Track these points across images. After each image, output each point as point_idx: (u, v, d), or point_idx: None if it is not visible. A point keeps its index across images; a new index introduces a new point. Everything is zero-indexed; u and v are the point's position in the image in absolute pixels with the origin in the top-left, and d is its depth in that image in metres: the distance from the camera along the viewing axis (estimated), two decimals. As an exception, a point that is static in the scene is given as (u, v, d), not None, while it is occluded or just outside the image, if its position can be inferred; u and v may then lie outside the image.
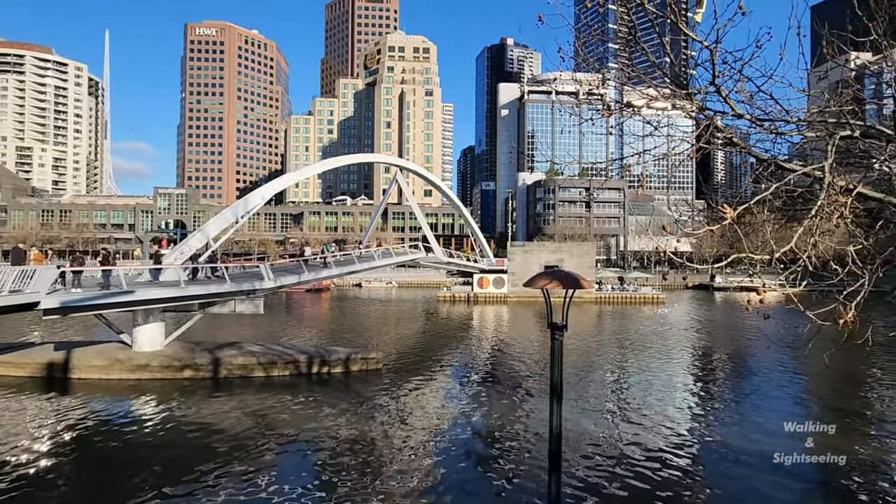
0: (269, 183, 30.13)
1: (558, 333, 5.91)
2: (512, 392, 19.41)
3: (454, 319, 43.99)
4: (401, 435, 14.68)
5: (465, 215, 57.35)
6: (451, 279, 67.01)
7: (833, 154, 3.93)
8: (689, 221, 38.24)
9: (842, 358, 23.13)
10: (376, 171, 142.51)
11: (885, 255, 4.67)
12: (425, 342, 32.21)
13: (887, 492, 11.13)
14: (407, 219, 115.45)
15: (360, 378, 20.77)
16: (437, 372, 23.06)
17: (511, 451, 13.58)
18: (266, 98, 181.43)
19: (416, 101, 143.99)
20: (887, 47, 4.62)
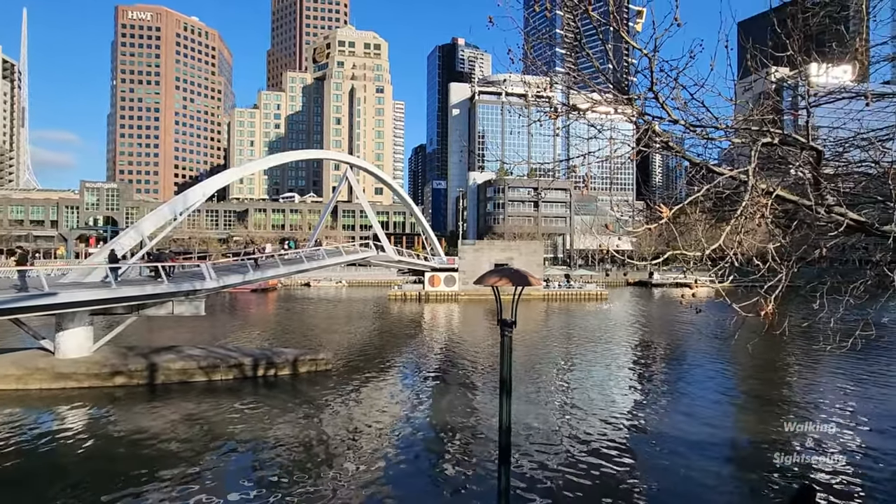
0: (212, 178, 28.73)
1: (507, 330, 6.03)
2: (463, 389, 19.62)
3: (405, 318, 43.84)
4: (350, 436, 14.48)
5: (417, 214, 57.26)
6: (402, 278, 66.69)
7: (756, 159, 4.26)
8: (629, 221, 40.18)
9: (763, 347, 25.17)
10: (326, 168, 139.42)
11: (800, 252, 5.12)
12: (376, 341, 31.90)
13: (797, 464, 12.20)
14: (357, 217, 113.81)
15: (309, 380, 20.27)
16: (388, 371, 22.91)
17: (462, 447, 13.73)
18: (207, 89, 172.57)
19: (366, 97, 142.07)
20: (801, 63, 5.06)
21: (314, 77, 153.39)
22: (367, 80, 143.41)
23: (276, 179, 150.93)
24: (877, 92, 5.29)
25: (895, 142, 5.63)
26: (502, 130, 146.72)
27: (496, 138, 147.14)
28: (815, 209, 4.49)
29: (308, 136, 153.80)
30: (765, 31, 6.40)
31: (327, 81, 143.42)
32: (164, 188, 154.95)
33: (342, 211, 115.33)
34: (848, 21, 7.96)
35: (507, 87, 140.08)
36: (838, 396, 18.48)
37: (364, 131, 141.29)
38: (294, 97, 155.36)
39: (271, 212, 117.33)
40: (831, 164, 5.49)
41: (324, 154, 69.98)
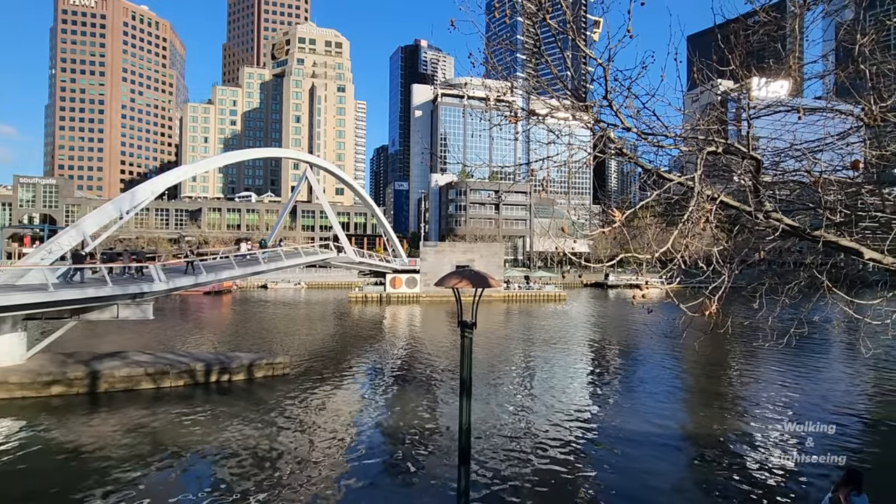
0: (162, 175, 27.42)
1: (468, 331, 6.08)
2: (423, 390, 19.59)
3: (366, 320, 43.35)
4: (308, 441, 14.17)
5: (378, 215, 56.77)
6: (363, 279, 65.91)
7: (701, 167, 4.50)
8: (586, 224, 41.40)
9: (709, 345, 26.52)
10: (284, 167, 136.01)
11: (741, 255, 5.44)
12: (336, 344, 31.36)
13: (739, 454, 12.93)
14: (317, 217, 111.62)
15: (266, 385, 19.68)
16: (348, 374, 22.57)
17: (422, 449, 13.70)
18: (158, 82, 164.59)
19: (327, 96, 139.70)
20: (743, 77, 5.38)
21: (273, 73, 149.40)
22: (328, 79, 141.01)
23: (231, 178, 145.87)
24: (809, 106, 5.69)
25: (825, 153, 6.08)
26: (464, 133, 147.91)
27: (458, 141, 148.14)
28: (754, 215, 4.78)
29: (266, 134, 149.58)
30: (711, 46, 6.76)
31: (287, 78, 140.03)
32: (108, 185, 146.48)
33: (301, 211, 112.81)
34: (785, 39, 8.52)
35: (470, 91, 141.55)
36: (775, 390, 19.69)
37: (325, 130, 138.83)
38: (251, 93, 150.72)
39: (226, 211, 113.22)
40: (769, 173, 5.86)
41: (283, 153, 68.14)
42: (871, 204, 5.29)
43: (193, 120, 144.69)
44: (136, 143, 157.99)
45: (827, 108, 5.98)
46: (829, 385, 20.67)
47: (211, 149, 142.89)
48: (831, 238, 4.65)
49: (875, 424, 15.95)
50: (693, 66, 5.80)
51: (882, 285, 5.80)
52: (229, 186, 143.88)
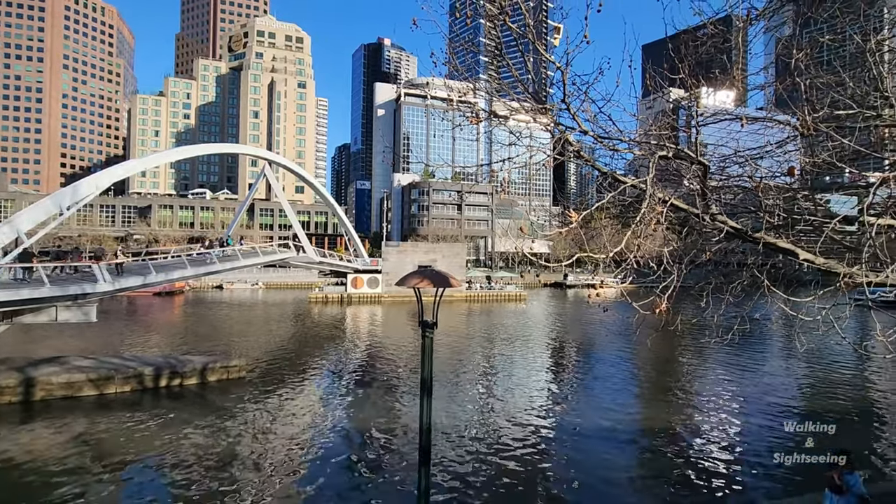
0: (108, 169, 25.94)
1: (428, 331, 6.07)
2: (384, 391, 19.44)
3: (326, 321, 42.58)
4: (266, 446, 13.78)
5: (339, 214, 55.90)
6: (323, 279, 64.72)
7: (654, 170, 4.69)
8: (546, 225, 42.29)
9: (660, 341, 27.66)
10: (242, 164, 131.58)
11: (690, 256, 5.70)
12: (295, 346, 30.63)
13: (688, 445, 13.56)
14: (276, 216, 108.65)
15: (220, 388, 18.99)
16: (307, 376, 22.11)
17: (383, 450, 13.60)
18: (104, 71, 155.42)
19: (287, 91, 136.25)
20: (692, 86, 5.65)
21: (230, 67, 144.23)
22: (288, 74, 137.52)
23: (185, 174, 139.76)
24: (751, 116, 6.03)
25: (765, 160, 6.46)
26: (427, 133, 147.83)
27: (421, 140, 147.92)
28: (702, 217, 5.02)
29: (222, 129, 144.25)
30: (664, 55, 7.05)
31: (244, 72, 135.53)
32: (47, 179, 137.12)
33: (259, 209, 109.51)
34: (730, 52, 8.99)
35: (432, 91, 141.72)
36: (721, 384, 20.76)
37: (284, 127, 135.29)
38: (206, 86, 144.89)
39: (179, 208, 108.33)
40: (715, 178, 6.17)
41: (240, 149, 66.11)
42: (805, 208, 5.67)
43: (143, 112, 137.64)
44: (79, 135, 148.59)
45: (767, 118, 6.37)
46: (768, 378, 21.97)
47: (162, 143, 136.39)
48: (770, 240, 4.95)
49: (808, 415, 17.09)
50: (646, 74, 6.04)
51: (815, 284, 6.22)
52: (182, 183, 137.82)
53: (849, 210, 5.13)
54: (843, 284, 4.53)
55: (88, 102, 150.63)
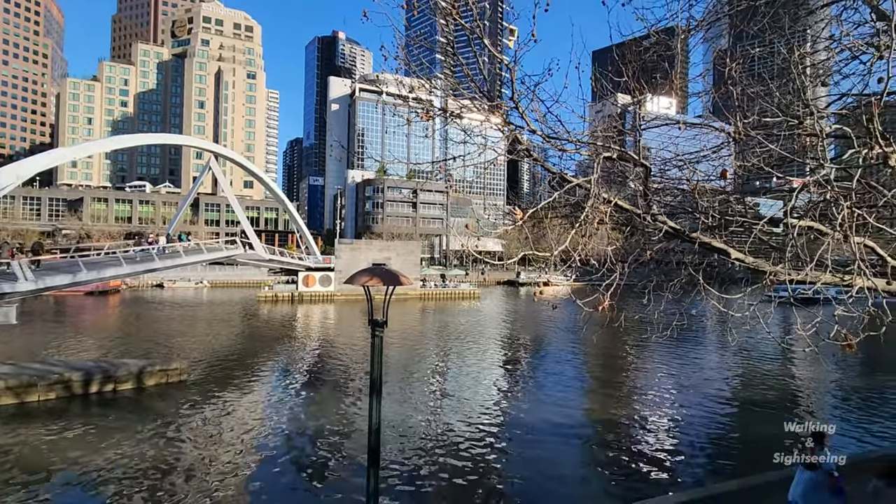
0: (32, 158, 23.89)
1: (378, 330, 5.97)
2: (335, 392, 19.07)
3: (276, 320, 41.26)
4: (209, 451, 13.15)
5: (291, 210, 54.31)
6: (273, 278, 62.64)
7: (598, 171, 4.81)
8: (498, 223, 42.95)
9: (606, 337, 28.76)
10: (186, 156, 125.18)
11: (633, 255, 5.91)
12: (242, 346, 29.47)
13: (632, 437, 14.17)
14: (223, 211, 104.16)
15: (159, 394, 17.96)
16: (255, 378, 21.32)
17: (332, 452, 13.32)
18: (28, 51, 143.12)
19: (236, 82, 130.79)
20: (636, 91, 5.85)
21: (173, 53, 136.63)
22: (236, 64, 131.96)
23: (122, 165, 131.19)
24: (689, 122, 6.33)
25: (702, 164, 6.81)
26: (382, 129, 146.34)
27: (376, 137, 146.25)
28: (644, 217, 5.21)
29: (164, 119, 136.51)
30: (610, 61, 7.28)
31: (189, 60, 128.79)
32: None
33: (205, 204, 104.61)
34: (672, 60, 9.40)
35: (388, 87, 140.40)
36: (661, 377, 21.85)
37: (232, 119, 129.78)
38: (147, 73, 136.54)
39: (114, 202, 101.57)
40: (657, 180, 6.44)
41: (184, 140, 62.53)
42: (736, 210, 6.02)
43: (74, 97, 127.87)
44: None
45: (704, 125, 6.71)
46: (703, 371, 23.33)
47: (96, 131, 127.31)
48: (706, 240, 5.21)
49: (740, 405, 18.29)
50: (594, 78, 6.20)
51: (744, 282, 6.62)
52: (119, 175, 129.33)
53: (775, 213, 5.49)
54: (769, 282, 4.83)
55: (10, 85, 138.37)
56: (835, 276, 4.45)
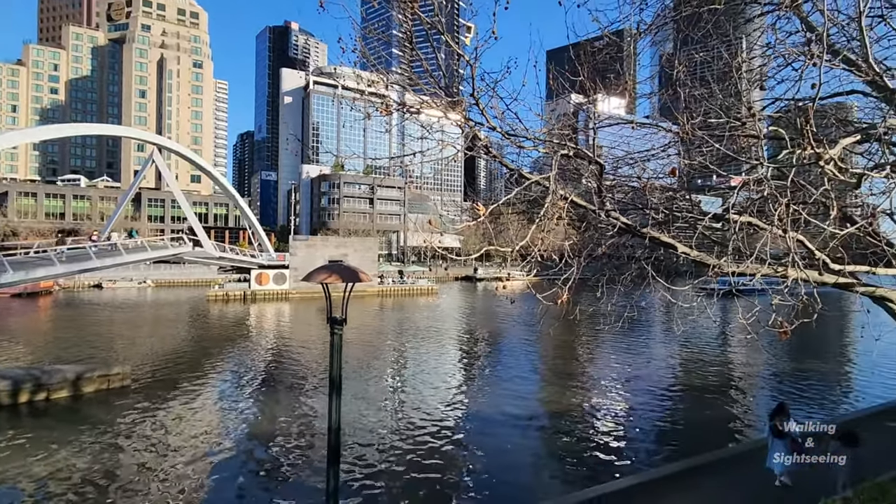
0: (-56, 148, 21.74)
1: (337, 328, 5.87)
2: (292, 392, 18.61)
3: (227, 320, 39.73)
4: (157, 458, 12.52)
5: (242, 206, 52.39)
6: (224, 276, 60.24)
7: (556, 168, 4.93)
8: (457, 219, 43.25)
9: (562, 330, 29.59)
10: (125, 148, 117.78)
11: (588, 249, 6.09)
12: (191, 348, 28.19)
13: (586, 424, 14.69)
14: (168, 207, 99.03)
15: (99, 401, 16.91)
16: (205, 380, 20.46)
17: (290, 452, 13.02)
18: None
19: (181, 71, 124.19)
20: (590, 91, 6.03)
21: (110, 38, 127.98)
22: (181, 52, 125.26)
23: (52, 157, 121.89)
24: (640, 122, 6.59)
25: (651, 162, 7.11)
26: (338, 123, 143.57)
27: (331, 131, 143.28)
28: (598, 213, 5.39)
29: (101, 108, 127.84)
30: (566, 61, 7.46)
31: (128, 45, 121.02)
32: None
33: (148, 200, 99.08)
34: (623, 62, 9.74)
35: (344, 81, 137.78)
36: (613, 367, 22.74)
37: (177, 109, 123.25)
38: (80, 58, 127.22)
39: (45, 196, 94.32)
40: (609, 177, 6.66)
41: (124, 131, 58.60)
42: (683, 206, 6.33)
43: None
44: None
45: (653, 125, 7.00)
46: (652, 360, 24.48)
47: (21, 119, 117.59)
48: (655, 235, 5.45)
49: (685, 390, 19.32)
50: (550, 76, 6.33)
51: (689, 274, 6.99)
52: (49, 167, 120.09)
53: (717, 209, 5.82)
54: (713, 274, 5.13)
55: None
56: (772, 269, 4.78)
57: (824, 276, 5.15)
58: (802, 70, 5.11)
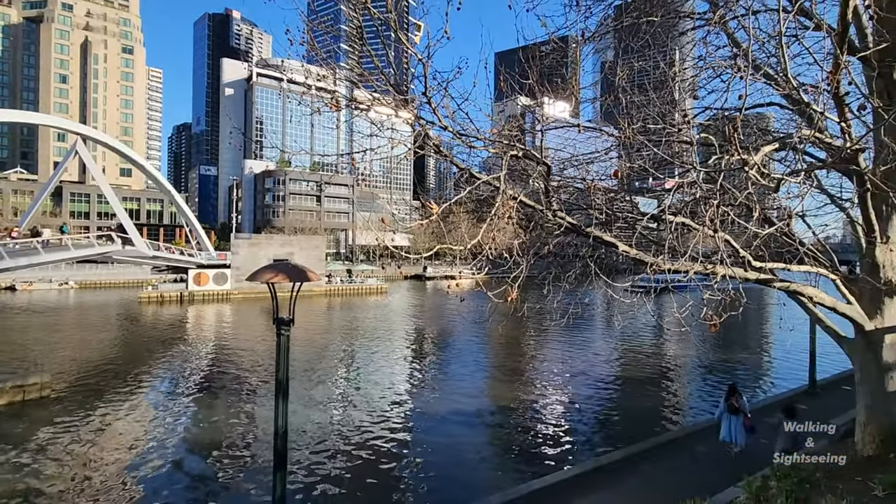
0: None
1: (284, 328, 5.71)
2: (235, 396, 17.84)
3: (162, 323, 37.41)
4: (80, 475, 11.60)
5: (179, 202, 49.56)
6: (158, 276, 56.67)
7: (506, 168, 5.04)
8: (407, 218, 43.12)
9: (510, 327, 30.28)
10: (43, 137, 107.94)
11: (535, 248, 6.27)
12: (120, 354, 26.32)
13: (533, 418, 15.12)
14: (94, 202, 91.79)
15: (12, 413, 15.44)
16: (138, 388, 19.19)
17: (234, 459, 12.48)
18: None
19: (108, 56, 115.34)
20: (538, 94, 6.20)
21: (24, 16, 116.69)
22: (108, 35, 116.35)
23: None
24: (584, 125, 6.86)
25: (595, 165, 7.42)
26: (283, 118, 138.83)
27: (277, 126, 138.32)
28: (545, 213, 5.56)
29: (13, 93, 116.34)
30: (515, 63, 7.62)
31: (46, 25, 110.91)
32: None
33: (70, 194, 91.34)
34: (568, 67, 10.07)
35: (291, 74, 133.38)
36: (558, 361, 23.54)
37: (105, 97, 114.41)
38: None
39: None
40: (556, 179, 6.89)
41: (41, 118, 53.48)
42: (623, 207, 6.66)
43: None
44: None
45: (596, 128, 7.31)
46: (594, 354, 25.56)
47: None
48: (598, 234, 5.70)
49: (625, 381, 20.32)
50: (500, 78, 6.46)
51: (629, 272, 7.36)
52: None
53: (654, 210, 6.18)
54: (650, 271, 5.43)
55: None
56: (703, 266, 5.13)
57: (748, 273, 5.59)
58: (730, 82, 5.53)
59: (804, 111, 5.86)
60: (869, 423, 7.20)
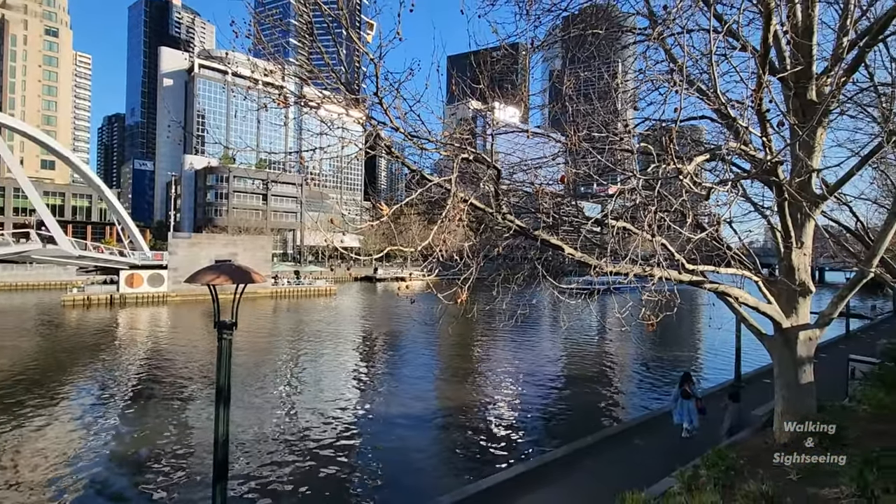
0: None
1: (226, 332, 5.45)
2: (171, 405, 16.85)
3: (89, 328, 34.72)
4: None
5: (109, 198, 46.25)
6: (85, 278, 52.61)
7: (457, 171, 5.09)
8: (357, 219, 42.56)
9: (460, 328, 30.55)
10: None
11: (485, 250, 6.38)
12: (39, 362, 24.15)
13: (483, 417, 15.32)
14: (10, 197, 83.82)
15: None
16: (60, 398, 17.70)
17: (170, 471, 11.78)
18: None
19: (28, 38, 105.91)
20: (489, 99, 6.31)
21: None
22: (29, 15, 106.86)
23: None
24: (533, 131, 7.06)
25: (543, 170, 7.64)
26: (227, 112, 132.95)
27: (220, 120, 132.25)
28: (495, 216, 5.67)
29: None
30: (467, 68, 7.72)
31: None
32: None
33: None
34: (518, 74, 10.33)
35: (236, 67, 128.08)
36: (507, 361, 23.99)
37: (23, 82, 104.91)
38: None
39: None
40: (505, 182, 7.04)
41: (-55, 102, 48.44)
42: (569, 211, 6.92)
43: None
44: None
45: (544, 135, 7.53)
46: (540, 354, 26.27)
47: None
48: (545, 237, 5.88)
49: (569, 379, 21.02)
50: (452, 81, 6.52)
51: (574, 273, 7.64)
52: None
53: (597, 215, 6.45)
54: (594, 273, 5.67)
55: None
56: (641, 268, 5.41)
57: (682, 275, 5.96)
58: (667, 95, 5.87)
59: (732, 125, 6.33)
60: (785, 413, 7.85)
